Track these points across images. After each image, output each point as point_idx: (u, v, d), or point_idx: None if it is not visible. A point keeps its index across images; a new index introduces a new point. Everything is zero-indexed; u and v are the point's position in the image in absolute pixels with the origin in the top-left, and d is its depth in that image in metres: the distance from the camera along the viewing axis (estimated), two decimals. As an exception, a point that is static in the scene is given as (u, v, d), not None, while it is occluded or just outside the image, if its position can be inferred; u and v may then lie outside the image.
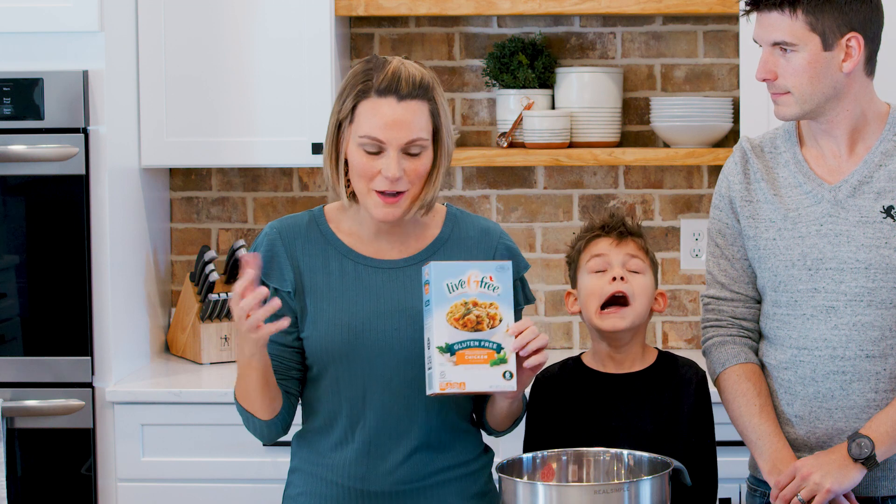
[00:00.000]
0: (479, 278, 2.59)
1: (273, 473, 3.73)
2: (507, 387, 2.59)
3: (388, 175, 2.63)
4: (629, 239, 2.91)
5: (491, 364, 2.58)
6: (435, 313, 2.58)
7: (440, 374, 2.56)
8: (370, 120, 2.64)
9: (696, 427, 2.85)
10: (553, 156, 4.08)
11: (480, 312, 2.59)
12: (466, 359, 2.57)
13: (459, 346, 2.57)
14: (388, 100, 2.64)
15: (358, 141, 2.65)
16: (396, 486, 2.71)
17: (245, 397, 2.69)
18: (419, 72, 2.68)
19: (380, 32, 4.32)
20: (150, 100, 4.02)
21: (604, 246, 2.90)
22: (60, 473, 3.79)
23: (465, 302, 2.58)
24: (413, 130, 2.64)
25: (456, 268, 2.60)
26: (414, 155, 2.66)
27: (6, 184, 3.76)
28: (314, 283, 2.73)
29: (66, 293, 3.77)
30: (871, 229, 2.77)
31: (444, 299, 2.58)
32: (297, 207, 4.34)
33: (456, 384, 2.57)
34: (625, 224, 2.92)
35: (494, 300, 2.59)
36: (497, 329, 2.59)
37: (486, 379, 2.58)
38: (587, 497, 2.52)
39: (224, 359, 4.14)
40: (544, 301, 4.35)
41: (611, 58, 4.29)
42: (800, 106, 2.77)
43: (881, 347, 2.77)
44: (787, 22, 2.74)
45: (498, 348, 2.58)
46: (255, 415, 2.70)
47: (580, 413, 2.87)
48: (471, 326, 2.58)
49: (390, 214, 2.67)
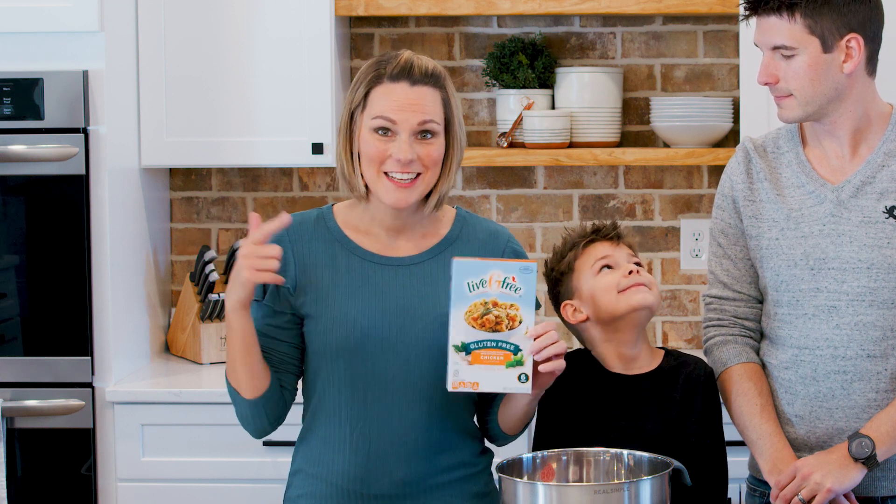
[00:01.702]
0: (502, 278, 2.57)
1: (273, 473, 3.73)
2: (521, 389, 2.58)
3: (400, 157, 2.63)
4: (622, 242, 2.92)
5: (507, 366, 2.57)
6: (453, 311, 2.57)
7: (454, 373, 2.56)
8: (383, 103, 2.66)
9: (706, 424, 2.84)
10: (553, 156, 4.08)
11: (500, 313, 2.58)
12: (482, 359, 2.57)
13: (476, 345, 2.57)
14: (401, 84, 2.66)
15: (370, 124, 2.66)
16: (397, 488, 2.71)
17: (231, 370, 2.68)
18: (431, 63, 2.71)
19: (380, 32, 4.32)
20: (150, 100, 4.02)
21: (606, 248, 2.90)
22: (60, 473, 3.79)
23: (484, 301, 2.57)
24: (426, 113, 2.66)
25: (478, 266, 2.58)
26: (426, 139, 2.67)
27: (6, 184, 3.76)
28: (319, 279, 2.72)
29: (66, 293, 3.77)
30: (874, 229, 2.77)
31: (464, 298, 2.57)
32: (297, 207, 4.34)
33: (469, 383, 2.57)
34: (616, 228, 2.93)
35: (516, 301, 2.58)
36: (516, 331, 2.57)
37: (500, 380, 2.57)
38: (587, 497, 2.52)
39: (224, 359, 4.12)
40: (544, 301, 4.35)
41: (611, 58, 4.29)
42: (802, 108, 2.77)
43: (882, 347, 2.77)
44: (786, 26, 2.74)
45: (515, 350, 2.57)
46: (241, 393, 2.68)
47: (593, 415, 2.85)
48: (489, 326, 2.57)
49: (403, 200, 2.67)
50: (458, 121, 2.73)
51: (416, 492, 2.72)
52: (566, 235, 2.97)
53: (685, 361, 2.91)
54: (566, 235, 2.97)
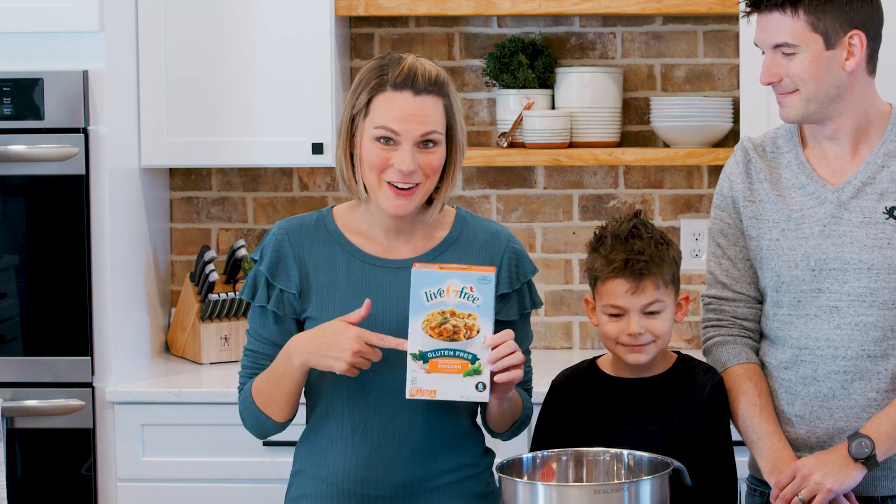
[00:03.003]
0: (460, 288, 2.58)
1: (273, 473, 3.73)
2: (479, 398, 2.59)
3: (403, 168, 2.63)
4: (647, 280, 2.78)
5: (464, 374, 2.58)
6: (412, 320, 2.59)
7: (411, 381, 2.58)
8: (386, 112, 2.65)
9: (709, 432, 2.82)
10: (553, 156, 4.08)
11: (458, 322, 2.59)
12: (440, 367, 2.58)
13: (433, 354, 2.58)
14: (405, 93, 2.65)
15: (373, 133, 2.66)
16: (398, 489, 2.71)
17: (269, 402, 2.71)
18: (434, 69, 2.69)
19: (380, 32, 4.32)
20: (150, 100, 4.02)
21: (619, 293, 2.78)
22: (60, 473, 3.79)
23: (442, 311, 2.58)
24: (428, 124, 2.65)
25: (437, 276, 2.59)
26: (428, 149, 2.66)
27: (6, 184, 3.76)
28: (320, 282, 2.72)
29: (66, 293, 3.77)
30: (874, 230, 2.77)
31: (422, 307, 2.59)
32: (297, 207, 4.34)
33: (427, 391, 2.59)
34: (644, 261, 2.77)
35: (473, 311, 2.59)
36: (474, 340, 2.59)
37: (458, 389, 2.59)
38: (587, 497, 2.52)
39: (224, 359, 4.14)
40: (544, 301, 4.35)
41: (611, 58, 4.29)
42: (805, 105, 2.77)
43: (883, 347, 2.77)
44: (789, 22, 2.73)
45: (473, 359, 2.59)
46: (272, 417, 2.72)
47: (591, 418, 2.85)
48: (447, 336, 2.58)
49: (402, 207, 2.67)
50: (460, 125, 2.72)
51: (417, 493, 2.72)
52: (600, 234, 2.85)
53: (695, 368, 2.88)
54: (600, 234, 2.85)
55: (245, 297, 2.76)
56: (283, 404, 2.70)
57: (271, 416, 2.72)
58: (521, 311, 2.77)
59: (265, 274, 2.73)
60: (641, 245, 2.79)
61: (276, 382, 2.68)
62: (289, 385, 2.68)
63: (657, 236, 2.82)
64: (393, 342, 2.59)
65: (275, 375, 2.68)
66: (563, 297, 4.33)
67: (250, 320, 2.79)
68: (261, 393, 2.71)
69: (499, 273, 2.74)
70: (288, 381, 2.67)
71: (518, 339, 2.72)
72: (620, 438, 2.79)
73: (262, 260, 2.75)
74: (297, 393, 2.70)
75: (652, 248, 2.79)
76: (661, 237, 2.83)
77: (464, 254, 2.75)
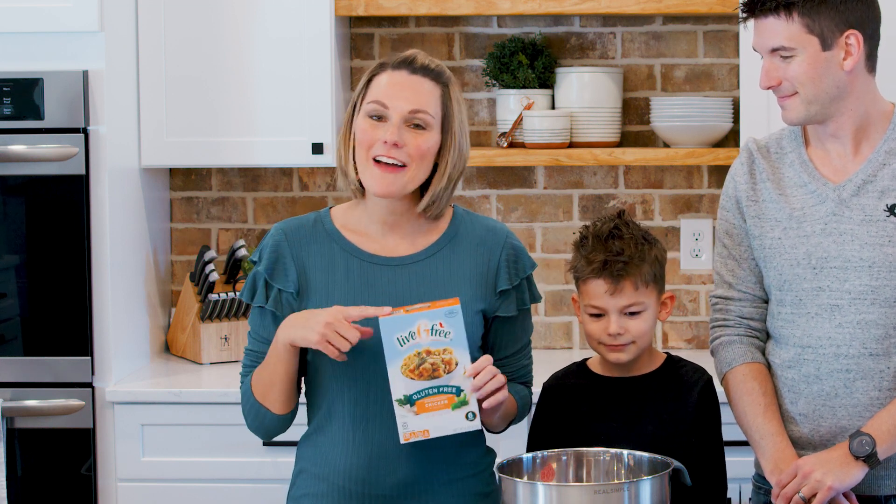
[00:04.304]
0: (429, 326, 2.60)
1: (273, 473, 3.73)
2: (471, 427, 2.62)
3: (387, 138, 2.64)
4: (626, 281, 2.81)
5: (452, 408, 2.61)
6: (390, 368, 2.60)
7: (403, 426, 2.60)
8: (379, 88, 2.68)
9: (699, 430, 2.83)
10: (553, 156, 4.08)
11: (435, 360, 2.60)
12: (427, 406, 2.60)
13: (418, 395, 2.60)
14: (401, 71, 2.69)
15: (365, 109, 2.68)
16: (400, 488, 2.71)
17: (266, 391, 2.71)
18: (438, 62, 2.74)
19: (380, 32, 4.32)
20: (150, 100, 4.02)
21: (599, 294, 2.82)
22: (60, 473, 3.79)
23: (418, 352, 2.60)
24: (419, 101, 2.67)
25: (404, 320, 2.60)
26: (418, 129, 2.67)
27: (6, 184, 3.76)
28: (318, 281, 2.73)
29: (66, 293, 3.76)
30: (875, 228, 2.77)
31: (397, 353, 2.60)
32: (297, 207, 4.34)
33: (420, 433, 2.61)
34: (623, 262, 2.81)
35: (447, 345, 2.60)
36: (454, 373, 2.60)
37: (449, 423, 2.61)
38: (587, 497, 2.52)
39: (224, 359, 4.14)
40: (544, 301, 4.35)
41: (611, 58, 4.29)
42: (806, 107, 2.77)
43: (885, 345, 2.77)
44: (784, 26, 2.74)
45: (458, 391, 2.61)
46: (271, 409, 2.72)
47: (583, 417, 2.86)
48: (427, 375, 2.60)
49: (388, 186, 2.67)
50: (460, 123, 2.73)
51: (418, 492, 2.72)
52: (582, 234, 2.89)
53: (683, 368, 2.90)
54: (582, 234, 2.89)
55: (244, 298, 2.77)
56: (280, 393, 2.70)
57: (270, 407, 2.72)
58: (520, 307, 2.78)
59: (263, 274, 2.74)
60: (621, 245, 2.82)
61: (271, 370, 2.69)
62: (282, 369, 2.67)
63: (638, 236, 2.85)
64: (371, 311, 2.60)
65: (268, 363, 2.70)
66: (563, 297, 4.33)
67: (250, 321, 2.80)
68: (258, 384, 2.72)
69: (497, 270, 2.75)
70: (280, 364, 2.67)
71: (518, 334, 2.73)
72: (612, 436, 2.80)
73: (260, 261, 2.76)
74: (290, 380, 2.70)
75: (632, 249, 2.82)
76: (644, 237, 2.85)
77: (461, 250, 2.75)
